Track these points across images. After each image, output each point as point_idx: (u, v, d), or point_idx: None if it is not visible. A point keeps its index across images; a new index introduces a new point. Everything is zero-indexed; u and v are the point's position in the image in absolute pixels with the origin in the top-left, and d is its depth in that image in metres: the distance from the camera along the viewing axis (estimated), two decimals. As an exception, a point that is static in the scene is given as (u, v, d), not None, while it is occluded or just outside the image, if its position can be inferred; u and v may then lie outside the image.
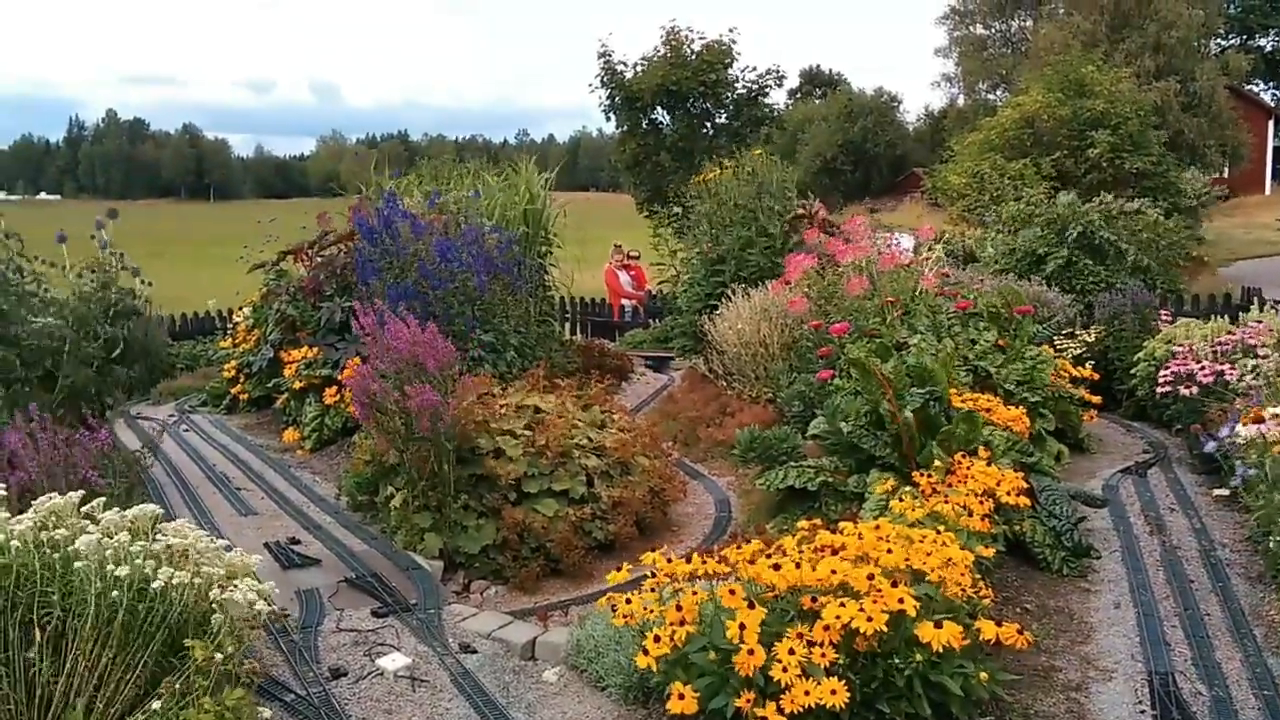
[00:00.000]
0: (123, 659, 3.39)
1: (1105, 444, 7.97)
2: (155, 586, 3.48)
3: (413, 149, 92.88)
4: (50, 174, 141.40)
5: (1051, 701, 3.86)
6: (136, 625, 3.46)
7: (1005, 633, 3.58)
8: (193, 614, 3.64)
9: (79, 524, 3.84)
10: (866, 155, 54.31)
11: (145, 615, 3.48)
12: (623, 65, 19.68)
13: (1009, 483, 5.00)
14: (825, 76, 68.43)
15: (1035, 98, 22.28)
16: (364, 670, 4.23)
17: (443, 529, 5.65)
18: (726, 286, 9.98)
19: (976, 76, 46.67)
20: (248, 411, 9.60)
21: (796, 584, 3.58)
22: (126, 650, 3.41)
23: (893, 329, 7.65)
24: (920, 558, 3.74)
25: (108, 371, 6.64)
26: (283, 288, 9.59)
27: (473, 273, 8.55)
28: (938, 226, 15.59)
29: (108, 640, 3.38)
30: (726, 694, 3.31)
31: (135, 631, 3.45)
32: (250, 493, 6.99)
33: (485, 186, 10.95)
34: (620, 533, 5.89)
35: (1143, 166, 20.26)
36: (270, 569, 5.27)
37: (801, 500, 5.84)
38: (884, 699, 3.32)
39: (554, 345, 10.46)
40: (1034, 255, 12.25)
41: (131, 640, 3.43)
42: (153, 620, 3.48)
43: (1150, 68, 28.39)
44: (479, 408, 6.16)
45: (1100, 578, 5.13)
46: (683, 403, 9.19)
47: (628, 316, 15.78)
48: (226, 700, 3.34)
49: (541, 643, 4.42)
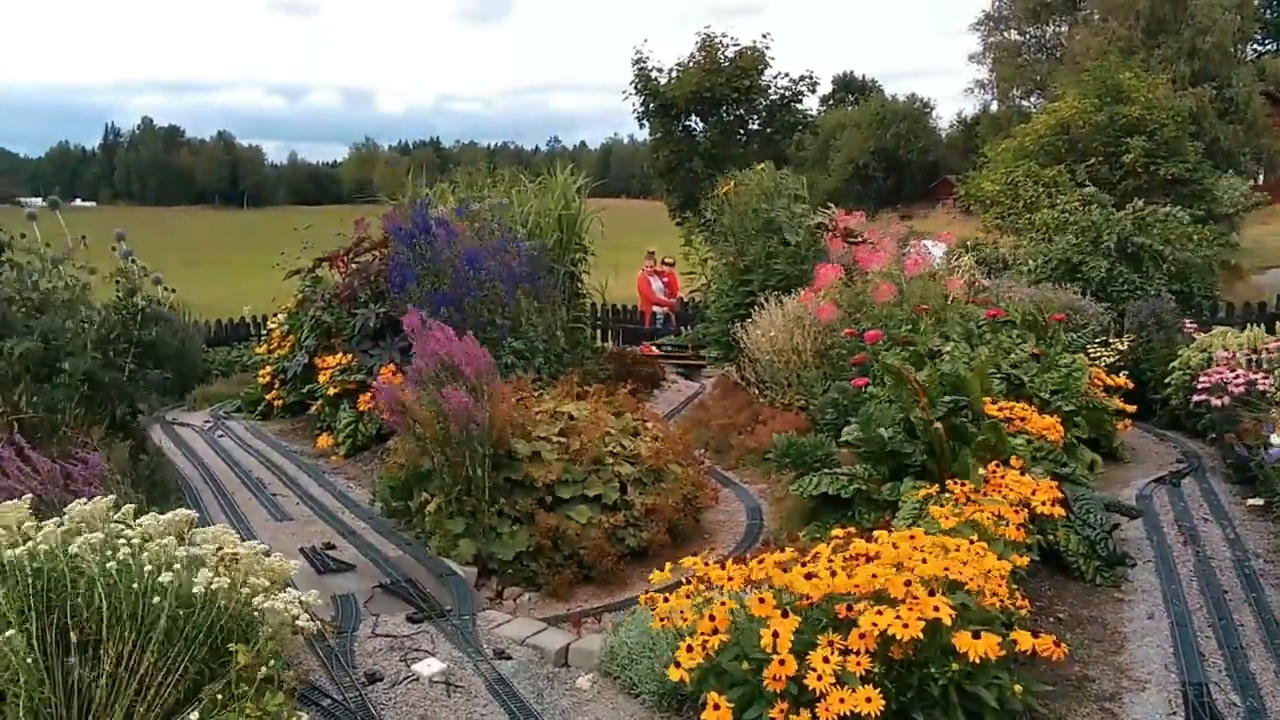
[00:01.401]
0: (164, 664, 3.44)
1: (1139, 453, 7.91)
2: (197, 592, 3.53)
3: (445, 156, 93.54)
4: (86, 181, 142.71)
5: (1085, 711, 3.84)
6: (179, 631, 3.51)
7: (1042, 644, 3.57)
8: (236, 620, 3.69)
9: (114, 529, 3.89)
10: (899, 162, 54.12)
11: (187, 621, 3.53)
12: (657, 72, 19.73)
13: (1044, 492, 4.98)
14: (858, 83, 68.32)
15: (1070, 104, 22.10)
16: (400, 675, 4.27)
17: (476, 535, 5.69)
18: (755, 295, 9.99)
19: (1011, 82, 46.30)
20: (282, 417, 9.70)
21: (830, 592, 3.58)
22: (167, 655, 3.46)
23: (926, 337, 7.64)
24: (956, 567, 3.74)
25: (137, 374, 6.72)
26: (318, 294, 9.70)
27: (500, 281, 8.61)
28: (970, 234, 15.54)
29: (148, 645, 3.43)
30: (760, 703, 3.32)
31: (177, 637, 3.50)
32: (285, 498, 7.07)
33: (519, 192, 11.02)
34: (653, 540, 5.91)
35: (1178, 173, 20.07)
36: (306, 574, 5.34)
37: (834, 508, 5.84)
38: (919, 708, 3.31)
39: (586, 352, 10.50)
40: (1069, 263, 12.18)
41: (173, 645, 3.48)
42: (195, 625, 3.53)
43: (1186, 74, 28.11)
44: (514, 412, 6.21)
45: (1134, 587, 5.10)
46: (714, 410, 9.20)
47: (659, 323, 15.81)
48: (268, 706, 3.38)
49: (575, 649, 4.45)
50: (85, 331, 6.45)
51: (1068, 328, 8.60)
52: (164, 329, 7.09)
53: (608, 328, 15.89)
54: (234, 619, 3.67)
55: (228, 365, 12.76)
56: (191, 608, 3.55)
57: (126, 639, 3.41)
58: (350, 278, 9.42)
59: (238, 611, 3.68)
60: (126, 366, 6.64)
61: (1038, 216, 15.00)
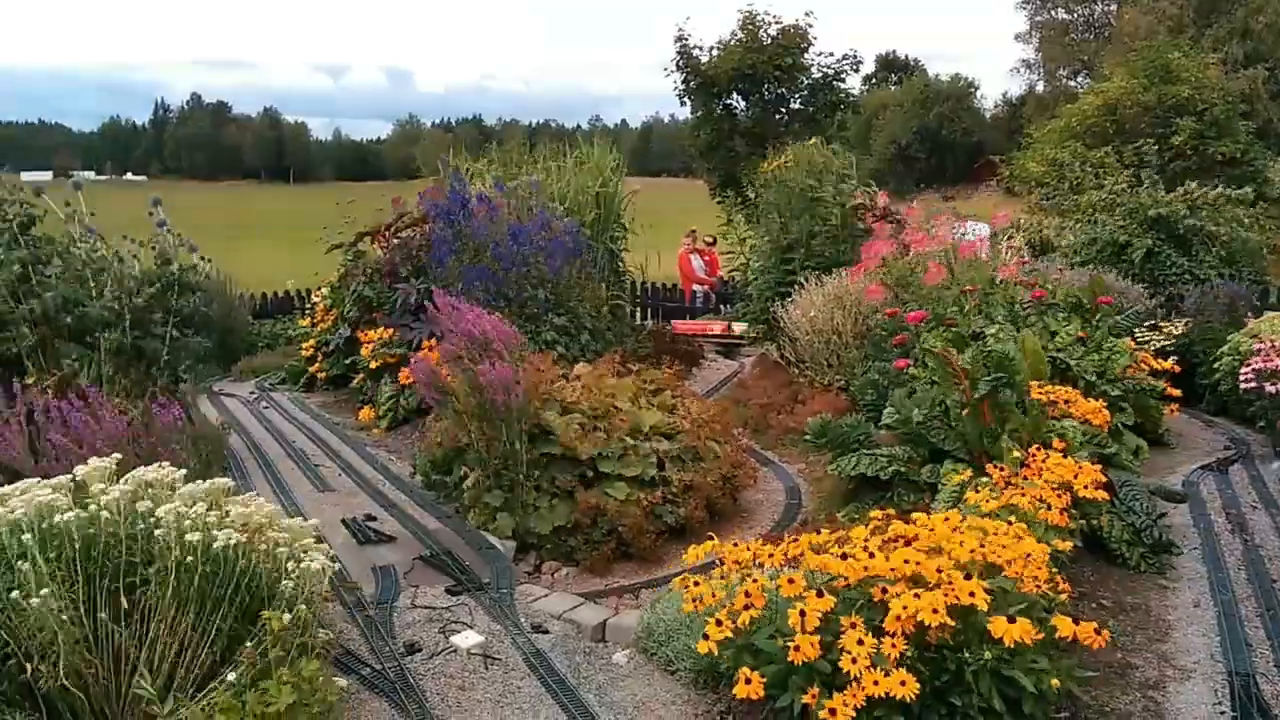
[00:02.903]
0: (200, 625, 3.50)
1: (1186, 439, 7.79)
2: (217, 547, 3.57)
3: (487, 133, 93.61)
4: (137, 156, 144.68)
5: (1128, 700, 3.80)
6: (212, 591, 3.56)
7: (1083, 631, 3.52)
8: (266, 584, 3.74)
9: (167, 495, 3.95)
10: (942, 142, 53.60)
11: (217, 579, 3.57)
12: (699, 50, 19.58)
13: (1087, 475, 4.92)
14: (902, 62, 67.62)
15: (1118, 84, 21.72)
16: (438, 646, 4.31)
17: (514, 509, 5.72)
18: (795, 274, 9.93)
19: (1057, 62, 45.69)
20: (325, 390, 9.78)
21: (867, 574, 3.56)
22: (203, 616, 3.52)
23: (969, 319, 7.56)
24: (995, 551, 3.70)
25: (177, 342, 6.78)
26: (360, 268, 9.77)
27: (544, 255, 8.61)
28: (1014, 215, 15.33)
29: (186, 607, 3.48)
30: (794, 682, 3.31)
31: (210, 597, 3.56)
32: (328, 470, 7.13)
33: (558, 169, 11.02)
34: (691, 517, 5.91)
35: (1229, 152, 19.67)
36: (347, 545, 5.39)
37: (873, 489, 5.82)
38: (955, 692, 3.29)
39: (626, 330, 10.50)
40: (1115, 244, 11.98)
41: (208, 606, 3.53)
42: (223, 583, 3.58)
43: (1238, 55, 27.56)
44: (549, 387, 6.21)
45: (1179, 575, 5.03)
46: (754, 389, 9.18)
47: (699, 302, 15.78)
48: (303, 671, 3.42)
49: (612, 625, 4.47)
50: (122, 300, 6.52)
51: (1115, 311, 8.46)
52: (201, 298, 7.16)
53: (647, 306, 15.88)
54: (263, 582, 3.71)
55: (273, 338, 12.88)
56: (221, 564, 3.60)
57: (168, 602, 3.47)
58: (391, 253, 9.47)
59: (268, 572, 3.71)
60: (167, 335, 6.71)
61: (1084, 198, 14.75)
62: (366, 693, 3.91)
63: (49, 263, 6.52)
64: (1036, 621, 3.39)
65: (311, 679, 3.43)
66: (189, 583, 3.52)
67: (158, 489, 3.95)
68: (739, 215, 15.83)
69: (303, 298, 14.44)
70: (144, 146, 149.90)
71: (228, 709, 3.29)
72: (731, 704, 3.67)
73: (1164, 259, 11.61)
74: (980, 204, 27.18)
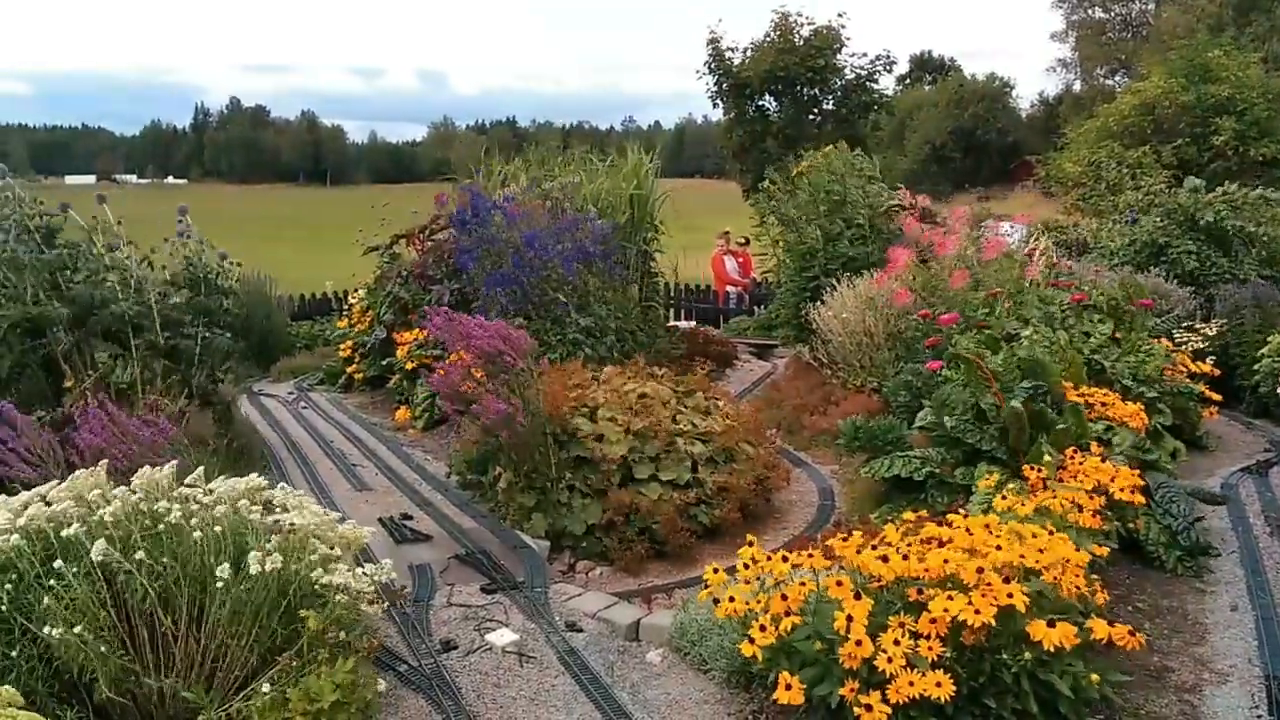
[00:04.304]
0: (235, 630, 3.53)
1: (1224, 441, 7.71)
2: (272, 564, 3.57)
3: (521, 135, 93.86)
4: (177, 159, 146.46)
5: (1164, 703, 3.78)
6: (259, 600, 3.59)
7: (1118, 634, 3.50)
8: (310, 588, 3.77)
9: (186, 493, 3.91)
10: (977, 142, 53.20)
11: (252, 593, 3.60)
12: (731, 51, 19.58)
13: (1124, 478, 4.89)
14: (936, 62, 67.12)
15: (1157, 83, 21.50)
16: (473, 644, 4.35)
17: (547, 509, 5.77)
18: (817, 278, 9.93)
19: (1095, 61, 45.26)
20: (362, 390, 9.89)
21: (903, 575, 3.57)
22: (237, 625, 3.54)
23: (1001, 321, 7.53)
24: (1032, 554, 3.69)
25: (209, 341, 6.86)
26: (395, 271, 9.87)
27: (562, 260, 8.66)
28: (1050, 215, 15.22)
29: (234, 618, 3.53)
30: (831, 682, 3.33)
31: (257, 605, 3.59)
32: (365, 469, 7.21)
33: (590, 171, 11.06)
34: (725, 518, 5.93)
35: (1270, 153, 19.41)
36: (384, 543, 5.46)
37: (906, 491, 5.80)
38: (990, 694, 3.29)
39: (658, 331, 10.53)
40: (1154, 246, 11.86)
41: (242, 616, 3.55)
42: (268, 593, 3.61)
43: (1279, 53, 27.15)
44: (575, 391, 6.25)
45: (1216, 578, 4.99)
46: (786, 390, 9.18)
47: (732, 303, 15.78)
48: (344, 670, 3.47)
49: (646, 624, 4.50)
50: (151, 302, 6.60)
51: (1154, 313, 8.39)
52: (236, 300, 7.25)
53: (680, 307, 15.89)
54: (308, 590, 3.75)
55: (311, 339, 13.01)
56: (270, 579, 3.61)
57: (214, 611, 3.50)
58: (425, 255, 9.57)
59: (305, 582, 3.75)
60: (198, 335, 6.80)
61: (1121, 198, 14.63)
62: (403, 689, 3.96)
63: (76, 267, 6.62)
64: (1073, 625, 3.38)
65: (352, 678, 3.48)
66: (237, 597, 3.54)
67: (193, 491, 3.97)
68: (771, 217, 15.82)
69: (340, 299, 14.58)
70: (185, 150, 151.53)
71: (272, 707, 3.35)
72: (765, 704, 3.69)
73: (1204, 259, 11.47)
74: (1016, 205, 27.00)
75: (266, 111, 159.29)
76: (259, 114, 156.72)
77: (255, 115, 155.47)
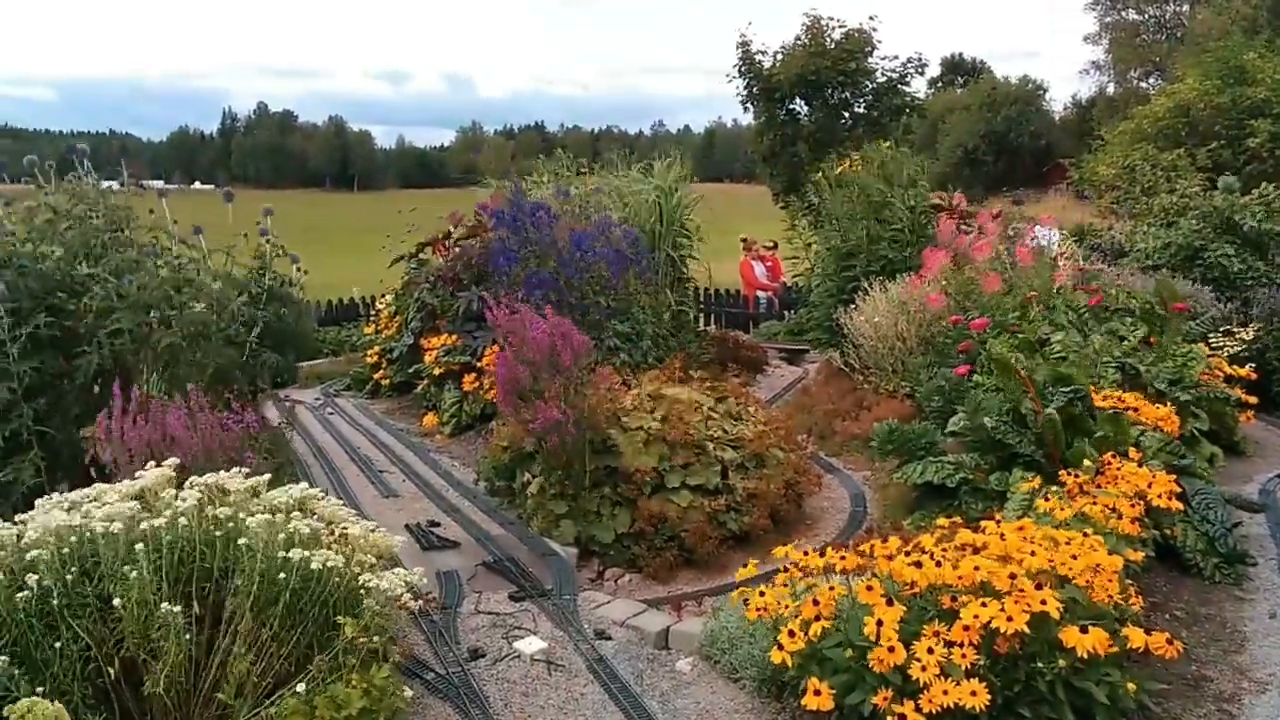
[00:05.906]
0: (280, 635, 3.54)
1: (1262, 447, 7.58)
2: (315, 568, 3.61)
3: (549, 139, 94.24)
4: (204, 164, 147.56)
5: (1201, 712, 3.71)
6: (297, 606, 3.61)
7: (1154, 641, 3.45)
8: (344, 595, 3.77)
9: (246, 501, 3.99)
10: (1009, 145, 52.84)
11: (303, 594, 3.62)
12: (761, 55, 19.50)
13: (1160, 485, 4.81)
14: (968, 65, 66.81)
15: (1191, 85, 21.29)
16: (502, 652, 4.33)
17: (577, 517, 5.73)
18: (857, 280, 9.83)
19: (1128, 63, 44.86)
20: (389, 396, 9.89)
21: (936, 582, 3.51)
22: (284, 627, 3.55)
23: (1034, 325, 7.44)
24: (1066, 561, 3.63)
25: (257, 356, 6.89)
26: (422, 276, 9.87)
27: (605, 262, 8.63)
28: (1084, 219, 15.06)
29: (270, 620, 3.52)
30: (863, 690, 3.28)
31: (295, 611, 3.60)
32: (392, 475, 7.20)
33: (620, 176, 11.04)
34: (755, 524, 5.87)
35: (1306, 156, 19.16)
36: (411, 550, 5.43)
37: (939, 497, 5.73)
38: (1025, 703, 3.24)
39: (689, 336, 10.48)
40: (1189, 248, 11.70)
41: (292, 618, 3.58)
42: (311, 600, 3.63)
43: (1316, 55, 26.80)
44: (610, 403, 6.20)
45: (1255, 586, 4.90)
46: (818, 395, 9.11)
47: (762, 308, 15.70)
48: (374, 678, 3.45)
49: (675, 632, 4.45)
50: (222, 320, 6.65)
51: (1188, 316, 8.26)
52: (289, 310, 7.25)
53: (710, 312, 15.84)
54: (344, 595, 3.74)
55: (338, 344, 13.04)
56: (309, 583, 3.64)
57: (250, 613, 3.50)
58: (452, 260, 9.55)
59: (348, 587, 3.75)
60: (249, 344, 6.81)
61: (1155, 201, 14.44)
62: (431, 697, 3.93)
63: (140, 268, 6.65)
64: (1109, 632, 3.32)
65: (382, 686, 3.47)
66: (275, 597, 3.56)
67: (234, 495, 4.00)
68: (803, 220, 15.73)
69: (367, 304, 14.61)
70: (211, 155, 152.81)
71: (299, 713, 3.33)
72: (796, 713, 3.63)
73: (1241, 262, 11.30)
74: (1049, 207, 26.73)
75: (294, 116, 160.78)
76: (286, 119, 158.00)
77: (283, 120, 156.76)
